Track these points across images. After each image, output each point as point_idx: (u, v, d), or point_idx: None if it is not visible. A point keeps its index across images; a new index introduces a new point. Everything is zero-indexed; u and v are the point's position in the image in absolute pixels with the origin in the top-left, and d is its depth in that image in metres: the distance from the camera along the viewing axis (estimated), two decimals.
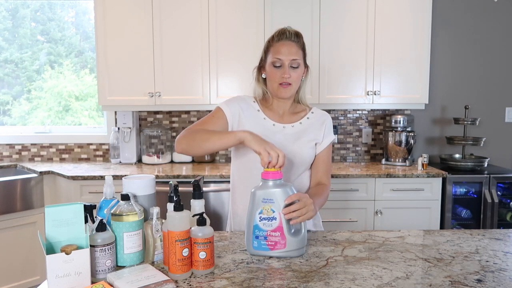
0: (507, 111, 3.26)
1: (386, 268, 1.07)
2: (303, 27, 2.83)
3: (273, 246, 1.14)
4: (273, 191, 1.14)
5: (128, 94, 2.89)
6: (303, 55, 1.42)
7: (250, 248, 1.17)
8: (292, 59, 1.37)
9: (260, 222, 1.14)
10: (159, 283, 0.94)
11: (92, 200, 2.58)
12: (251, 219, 1.15)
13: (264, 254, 1.15)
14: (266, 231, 1.14)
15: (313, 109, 1.53)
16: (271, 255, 1.15)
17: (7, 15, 3.35)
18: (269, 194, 1.14)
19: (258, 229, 1.14)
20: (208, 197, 2.61)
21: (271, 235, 1.14)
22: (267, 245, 1.14)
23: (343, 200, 2.67)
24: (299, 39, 1.41)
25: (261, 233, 1.14)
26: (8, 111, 3.41)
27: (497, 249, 1.22)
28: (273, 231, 1.14)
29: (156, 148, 3.15)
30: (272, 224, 1.14)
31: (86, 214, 1.04)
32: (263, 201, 1.14)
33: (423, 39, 2.86)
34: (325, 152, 1.49)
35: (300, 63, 1.40)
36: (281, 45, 1.38)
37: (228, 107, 1.44)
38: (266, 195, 1.14)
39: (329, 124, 1.51)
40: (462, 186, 2.80)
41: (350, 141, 3.27)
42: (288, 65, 1.37)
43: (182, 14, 2.84)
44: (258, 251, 1.15)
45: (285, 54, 1.37)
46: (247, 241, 1.17)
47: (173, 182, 1.14)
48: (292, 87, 1.41)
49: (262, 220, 1.14)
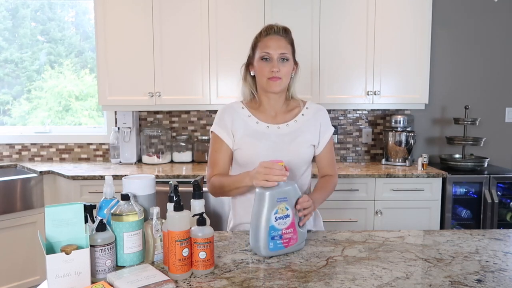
0: (507, 111, 3.26)
1: (386, 268, 1.07)
2: (303, 27, 2.84)
3: (287, 243, 1.17)
4: (286, 190, 1.17)
5: (128, 94, 2.90)
6: (292, 50, 1.41)
7: (265, 251, 1.14)
8: (281, 53, 1.36)
9: (276, 222, 1.14)
10: (159, 283, 0.94)
11: (92, 200, 2.58)
12: (265, 220, 1.13)
13: (280, 253, 1.16)
14: (281, 229, 1.15)
15: (307, 103, 1.50)
16: (286, 252, 1.17)
17: (7, 15, 3.35)
18: (282, 193, 1.16)
19: (274, 229, 1.14)
20: (208, 197, 2.61)
21: (285, 233, 1.16)
22: (282, 243, 1.16)
23: (343, 200, 2.67)
24: (287, 34, 1.40)
25: (277, 233, 1.15)
26: (8, 111, 3.41)
27: (497, 249, 1.22)
28: (287, 228, 1.16)
29: (156, 148, 3.15)
30: (286, 222, 1.16)
31: (86, 214, 1.04)
32: (278, 200, 1.15)
33: (423, 39, 2.86)
34: (326, 148, 1.47)
35: (289, 58, 1.38)
36: (269, 39, 1.38)
37: (221, 128, 1.42)
38: (279, 194, 1.15)
39: (324, 120, 1.47)
40: (462, 186, 2.80)
41: (350, 141, 3.27)
42: (277, 59, 1.36)
43: (182, 14, 2.84)
44: (274, 252, 1.15)
45: (274, 48, 1.36)
46: (261, 244, 1.13)
47: (173, 182, 1.14)
48: (282, 81, 1.38)
49: (277, 220, 1.15)
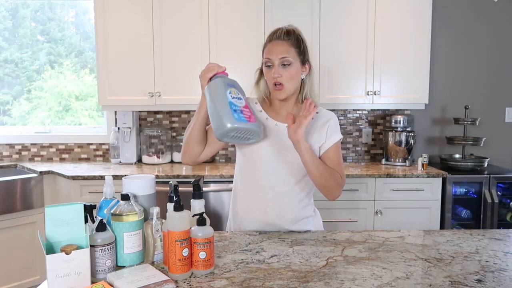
0: (507, 111, 3.26)
1: (386, 268, 1.07)
2: (303, 27, 2.79)
3: (249, 118, 1.27)
4: (232, 80, 1.32)
5: (128, 94, 2.89)
6: (297, 53, 1.39)
7: (231, 120, 1.21)
8: (281, 58, 1.36)
9: (233, 99, 1.26)
10: (159, 283, 0.94)
11: (92, 200, 2.58)
12: (223, 98, 1.24)
13: (244, 126, 1.24)
14: (240, 106, 1.27)
15: (319, 109, 1.49)
16: (249, 127, 1.25)
17: (7, 15, 3.35)
18: (230, 80, 1.31)
19: (233, 105, 1.25)
20: (208, 197, 2.61)
21: (244, 110, 1.27)
22: (244, 117, 1.25)
23: (343, 200, 2.67)
24: (289, 37, 1.40)
25: (237, 107, 1.26)
26: (8, 111, 3.41)
27: (497, 249, 1.22)
28: (244, 107, 1.29)
29: (156, 148, 3.15)
30: (241, 103, 1.29)
31: (86, 214, 1.05)
32: (228, 85, 1.28)
33: (423, 39, 2.86)
34: (331, 151, 1.43)
35: (291, 61, 1.37)
36: (272, 45, 1.39)
37: None
38: (228, 81, 1.30)
39: (333, 124, 1.46)
40: (462, 186, 2.80)
41: (350, 141, 3.27)
42: (278, 64, 1.37)
43: (182, 14, 2.84)
44: (239, 122, 1.23)
45: (274, 53, 1.37)
46: (225, 117, 1.21)
47: (173, 182, 1.14)
48: (285, 88, 1.38)
49: (233, 99, 1.27)
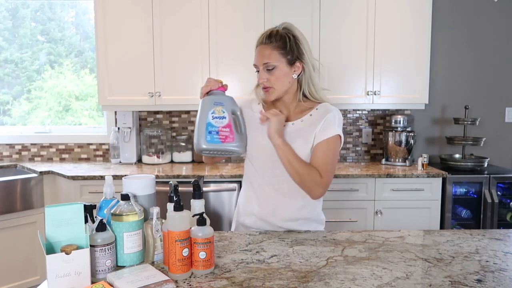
0: (507, 111, 3.26)
1: (386, 268, 1.07)
2: (303, 27, 2.80)
3: (224, 139, 1.32)
4: (223, 97, 1.38)
5: (128, 94, 2.90)
6: (281, 54, 1.37)
7: (202, 142, 1.29)
8: (264, 63, 1.38)
9: (213, 120, 1.32)
10: (159, 283, 0.94)
11: (92, 200, 2.58)
12: (203, 118, 1.32)
13: (217, 148, 1.31)
14: (218, 127, 1.32)
15: (320, 105, 1.43)
16: (224, 148, 1.31)
17: (7, 15, 3.35)
18: (219, 99, 1.37)
19: (211, 125, 1.32)
20: (208, 197, 2.61)
21: (222, 130, 1.33)
22: (219, 138, 1.31)
23: (343, 200, 2.67)
24: (271, 40, 1.38)
25: (214, 129, 1.32)
26: (8, 111, 3.41)
27: (497, 249, 1.22)
28: (224, 127, 1.33)
29: (156, 148, 3.15)
30: (223, 122, 1.34)
31: (86, 214, 1.05)
32: (215, 103, 1.35)
33: (423, 39, 2.86)
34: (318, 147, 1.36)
35: (275, 65, 1.36)
36: (257, 51, 1.42)
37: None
38: (217, 99, 1.36)
39: (329, 119, 1.38)
40: (462, 186, 2.80)
41: (350, 141, 3.27)
42: (263, 69, 1.39)
43: (182, 14, 2.84)
44: (211, 144, 1.30)
45: (257, 59, 1.41)
46: (200, 137, 1.30)
47: (173, 182, 1.14)
48: (274, 90, 1.39)
49: (214, 118, 1.33)
